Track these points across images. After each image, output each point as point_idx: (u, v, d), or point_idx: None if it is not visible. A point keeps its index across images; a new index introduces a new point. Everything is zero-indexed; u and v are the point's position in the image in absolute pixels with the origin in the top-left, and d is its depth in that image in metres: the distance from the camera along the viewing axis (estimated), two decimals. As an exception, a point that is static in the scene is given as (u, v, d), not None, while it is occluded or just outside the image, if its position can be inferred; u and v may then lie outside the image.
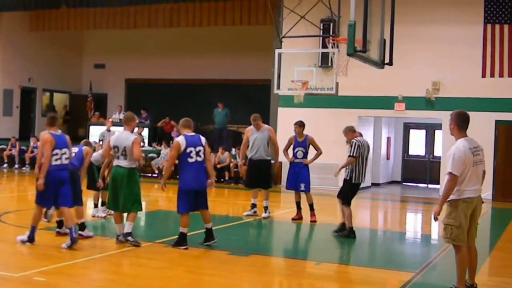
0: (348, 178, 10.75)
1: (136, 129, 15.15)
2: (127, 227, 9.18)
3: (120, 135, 9.35)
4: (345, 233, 10.80)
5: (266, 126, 12.83)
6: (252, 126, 12.67)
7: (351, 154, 10.61)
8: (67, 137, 9.24)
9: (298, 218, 12.49)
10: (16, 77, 25.43)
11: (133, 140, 9.15)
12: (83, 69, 29.04)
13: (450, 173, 6.79)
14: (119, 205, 9.18)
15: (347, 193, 10.85)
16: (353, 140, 10.81)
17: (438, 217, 6.95)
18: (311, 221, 12.34)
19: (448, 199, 6.88)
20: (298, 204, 12.54)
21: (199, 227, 9.69)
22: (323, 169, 18.41)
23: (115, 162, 9.27)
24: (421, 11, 18.44)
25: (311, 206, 12.46)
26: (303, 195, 12.53)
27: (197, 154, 9.11)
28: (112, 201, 9.31)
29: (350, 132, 10.98)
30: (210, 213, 9.43)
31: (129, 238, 9.14)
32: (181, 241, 9.13)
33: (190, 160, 9.07)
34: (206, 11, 22.82)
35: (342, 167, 10.78)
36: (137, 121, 9.70)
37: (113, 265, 8.39)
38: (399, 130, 23.23)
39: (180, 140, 9.17)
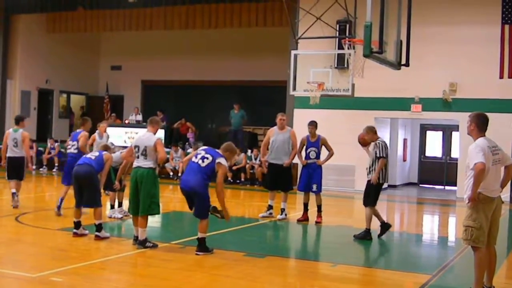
0: (372, 180, 10.63)
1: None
2: (141, 234, 9.11)
3: (142, 135, 9.38)
4: (361, 234, 10.75)
5: (288, 128, 12.83)
6: (275, 127, 12.65)
7: (381, 155, 10.57)
8: None
9: (304, 219, 12.44)
10: (34, 78, 25.66)
11: (156, 141, 9.18)
12: (99, 70, 29.21)
13: (477, 163, 6.66)
14: (139, 207, 9.11)
15: (371, 193, 10.75)
16: (377, 141, 10.76)
17: (470, 201, 6.80)
18: (316, 222, 12.30)
19: (471, 197, 6.79)
20: (305, 206, 12.49)
21: (214, 228, 9.68)
22: (339, 171, 18.41)
23: (135, 163, 9.26)
24: (438, 12, 18.34)
25: (319, 207, 12.42)
26: (312, 197, 12.49)
27: (202, 159, 8.96)
28: (132, 205, 9.20)
29: (372, 132, 10.87)
30: (204, 222, 8.92)
31: (147, 244, 9.12)
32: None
33: (193, 159, 9.05)
34: (222, 13, 22.87)
35: (378, 171, 10.64)
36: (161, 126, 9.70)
37: (129, 266, 8.42)
38: (415, 132, 23.10)
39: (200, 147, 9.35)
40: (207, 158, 8.93)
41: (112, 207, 12.01)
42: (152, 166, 9.18)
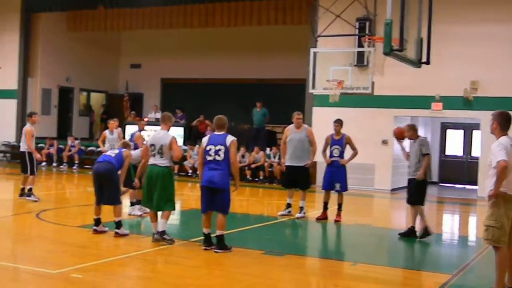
0: (417, 177, 10.59)
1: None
2: (161, 225, 9.23)
3: (157, 134, 9.43)
4: (406, 232, 10.83)
5: (305, 126, 12.79)
6: (292, 126, 12.61)
7: (427, 152, 10.57)
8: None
9: (323, 218, 12.39)
10: (54, 77, 25.85)
11: (171, 139, 9.22)
12: (119, 69, 29.37)
13: (499, 161, 6.67)
14: (153, 204, 9.25)
15: (419, 191, 10.69)
16: (421, 138, 10.79)
17: (492, 197, 6.80)
18: (335, 221, 12.25)
19: (492, 194, 6.74)
20: (325, 204, 12.43)
21: (233, 227, 9.68)
22: (358, 169, 18.32)
23: (151, 161, 9.34)
24: (459, 9, 18.16)
25: (339, 206, 12.37)
26: (333, 195, 12.43)
27: (216, 152, 8.88)
28: (146, 199, 9.38)
29: (413, 130, 10.86)
30: (224, 219, 8.93)
31: (165, 236, 9.20)
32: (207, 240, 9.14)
33: (208, 158, 8.95)
34: (241, 11, 22.86)
35: (425, 168, 10.58)
36: (174, 121, 9.75)
37: (148, 263, 8.45)
38: (436, 130, 22.93)
39: (204, 138, 9.15)
40: (220, 150, 8.85)
41: (132, 204, 12.05)
42: (168, 165, 9.26)
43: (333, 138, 12.40)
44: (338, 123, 12.40)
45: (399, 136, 11.06)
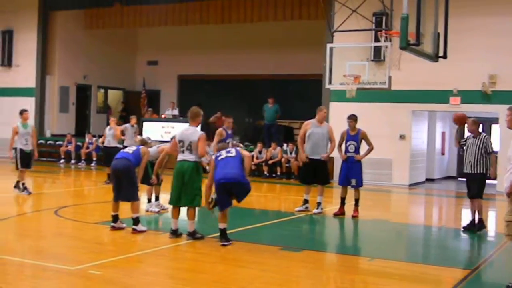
0: (480, 172, 10.84)
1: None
2: (190, 226, 9.30)
3: (186, 130, 9.44)
4: (478, 226, 10.97)
5: (325, 123, 12.75)
6: (313, 120, 12.57)
7: (492, 151, 10.75)
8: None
9: (340, 213, 12.36)
10: (72, 74, 26.02)
11: (199, 136, 9.26)
12: (136, 66, 29.48)
13: None
14: (181, 199, 9.25)
15: (483, 187, 11.01)
16: (482, 134, 11.08)
17: (509, 195, 6.83)
18: (352, 216, 12.22)
19: (508, 192, 6.72)
20: (342, 200, 12.42)
21: (250, 222, 9.67)
22: (375, 165, 18.27)
23: (180, 157, 9.33)
24: (476, 3, 18.00)
25: (356, 201, 12.35)
26: (350, 191, 12.41)
27: (228, 152, 9.22)
28: (175, 197, 9.30)
29: (476, 125, 11.10)
30: (225, 212, 9.14)
31: (196, 235, 9.30)
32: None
33: (220, 158, 9.20)
34: (257, 7, 22.85)
35: (495, 166, 10.90)
36: (202, 115, 9.79)
37: (166, 259, 8.48)
38: (454, 125, 22.69)
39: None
40: (231, 150, 9.25)
41: (149, 201, 12.10)
42: (197, 160, 9.30)
43: (349, 134, 12.37)
44: (352, 118, 12.36)
45: (461, 122, 11.22)
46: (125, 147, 13.73)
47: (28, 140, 14.02)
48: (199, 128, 9.58)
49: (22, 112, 14.29)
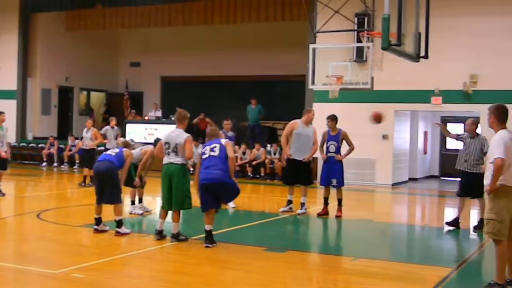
0: (481, 172, 10.68)
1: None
2: (174, 228, 9.27)
3: (172, 132, 9.40)
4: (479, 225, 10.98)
5: (310, 124, 12.77)
6: (299, 120, 12.59)
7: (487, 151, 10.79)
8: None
9: (324, 213, 12.40)
10: (54, 76, 25.86)
11: (186, 138, 9.22)
12: (119, 67, 29.38)
13: (496, 158, 6.71)
14: (172, 202, 9.21)
15: (481, 185, 10.96)
16: (480, 135, 11.11)
17: (489, 191, 6.87)
18: (336, 216, 12.26)
19: (489, 190, 6.79)
20: (325, 200, 12.46)
21: (234, 223, 9.66)
22: (359, 164, 18.35)
23: (166, 159, 9.30)
24: (458, 3, 18.13)
25: (339, 201, 12.39)
26: (333, 191, 12.45)
27: (212, 150, 9.13)
28: (166, 201, 9.28)
29: (475, 125, 11.12)
30: (211, 215, 9.17)
31: (180, 237, 9.29)
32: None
33: (204, 156, 9.14)
34: (240, 8, 22.88)
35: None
36: (189, 117, 9.75)
37: (150, 261, 8.45)
38: (433, 125, 22.91)
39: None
40: (215, 147, 9.11)
41: (133, 203, 12.06)
42: (183, 162, 9.25)
43: (330, 134, 12.40)
44: (331, 119, 12.38)
45: (377, 120, 11.34)
46: (107, 149, 13.65)
47: (3, 143, 13.93)
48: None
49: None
